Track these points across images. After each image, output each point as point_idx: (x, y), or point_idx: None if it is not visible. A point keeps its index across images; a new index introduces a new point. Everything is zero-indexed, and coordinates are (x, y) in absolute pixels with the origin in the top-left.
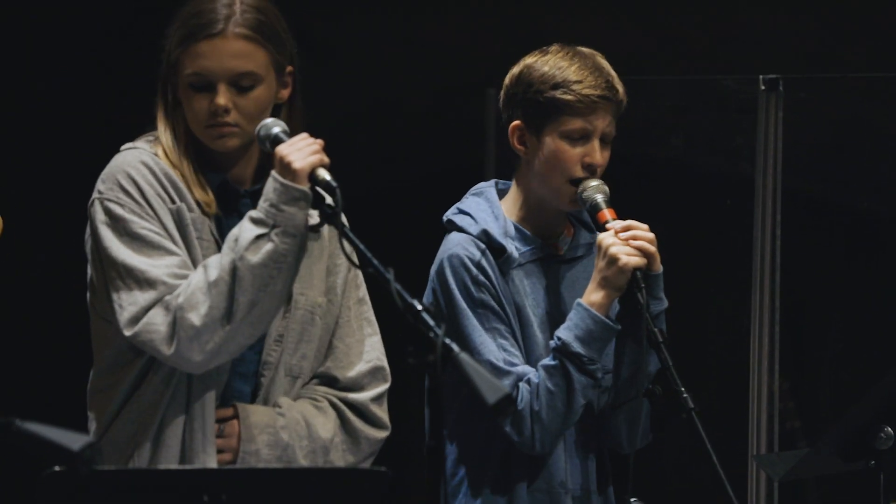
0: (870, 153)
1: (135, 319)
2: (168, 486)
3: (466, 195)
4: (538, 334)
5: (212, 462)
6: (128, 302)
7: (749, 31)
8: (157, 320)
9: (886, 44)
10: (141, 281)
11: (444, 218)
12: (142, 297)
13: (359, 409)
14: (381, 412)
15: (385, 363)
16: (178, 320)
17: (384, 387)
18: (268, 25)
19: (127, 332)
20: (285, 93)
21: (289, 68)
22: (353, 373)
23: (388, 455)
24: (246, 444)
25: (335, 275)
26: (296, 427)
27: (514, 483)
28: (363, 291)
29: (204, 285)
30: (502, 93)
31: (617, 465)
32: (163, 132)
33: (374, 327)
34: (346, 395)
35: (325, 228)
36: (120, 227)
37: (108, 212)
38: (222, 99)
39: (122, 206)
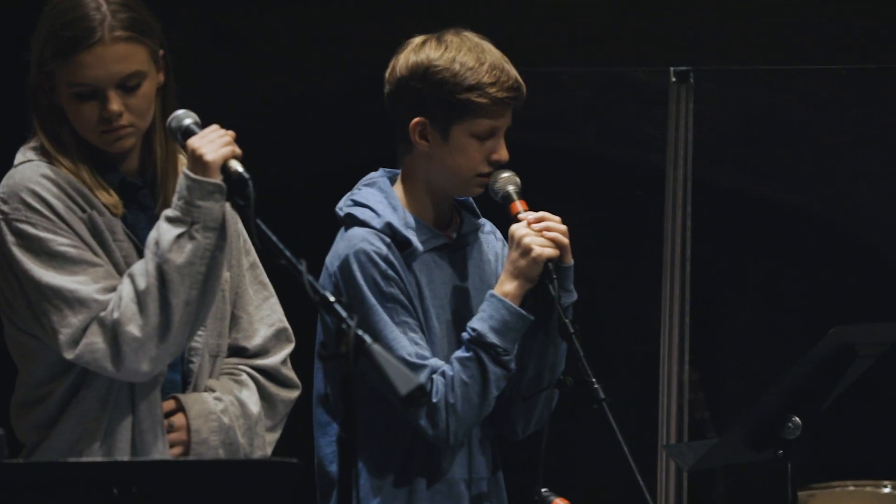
0: (779, 144)
1: (73, 342)
2: (77, 480)
3: (358, 186)
4: (436, 325)
5: (165, 458)
6: (62, 325)
7: (660, 24)
8: (97, 339)
9: (795, 35)
10: (71, 301)
11: (341, 211)
12: (75, 319)
13: (270, 374)
14: (290, 372)
15: (286, 323)
16: (119, 335)
17: (290, 347)
18: (139, 19)
19: (68, 356)
20: (161, 76)
21: (161, 52)
22: (258, 339)
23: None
24: (195, 435)
25: (229, 246)
26: (233, 408)
27: (413, 476)
28: (254, 255)
29: (135, 295)
30: (395, 82)
31: (516, 453)
32: (48, 142)
33: (270, 289)
34: (256, 362)
35: None
36: (35, 246)
37: (18, 233)
38: (115, 105)
39: (33, 225)
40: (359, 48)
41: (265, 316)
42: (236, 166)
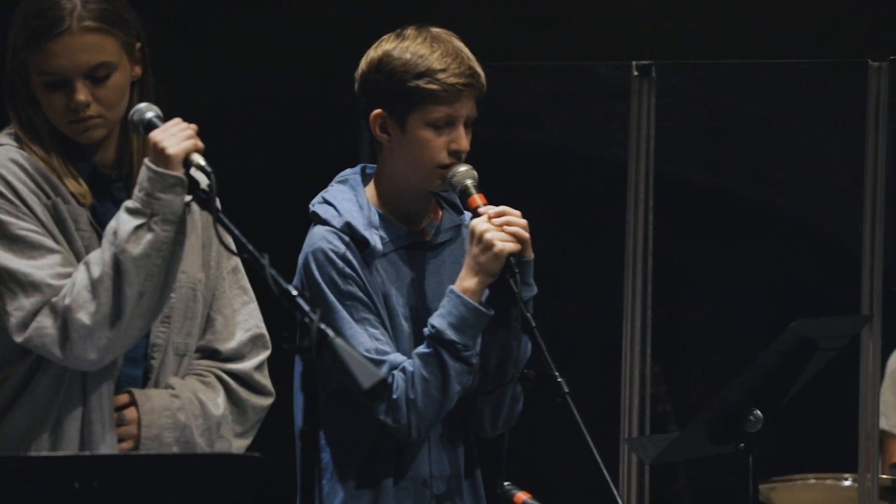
0: (741, 138)
1: (23, 325)
2: (38, 473)
3: (332, 183)
4: (404, 324)
5: (113, 452)
6: (14, 307)
7: (622, 18)
8: (47, 324)
9: (756, 30)
10: (25, 285)
11: (310, 208)
12: (27, 302)
13: (242, 379)
14: (264, 379)
15: (264, 330)
16: (68, 322)
17: (265, 354)
18: (111, 11)
19: (17, 339)
20: (138, 70)
21: (137, 45)
22: (233, 343)
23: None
24: (146, 430)
25: (208, 247)
26: (190, 407)
27: (379, 474)
28: (236, 260)
29: (88, 283)
30: (358, 78)
31: (490, 449)
32: (21, 129)
33: (250, 295)
34: (229, 367)
35: (195, 203)
36: None
37: None
38: (81, 95)
39: None
40: (323, 42)
41: (243, 320)
42: (198, 160)
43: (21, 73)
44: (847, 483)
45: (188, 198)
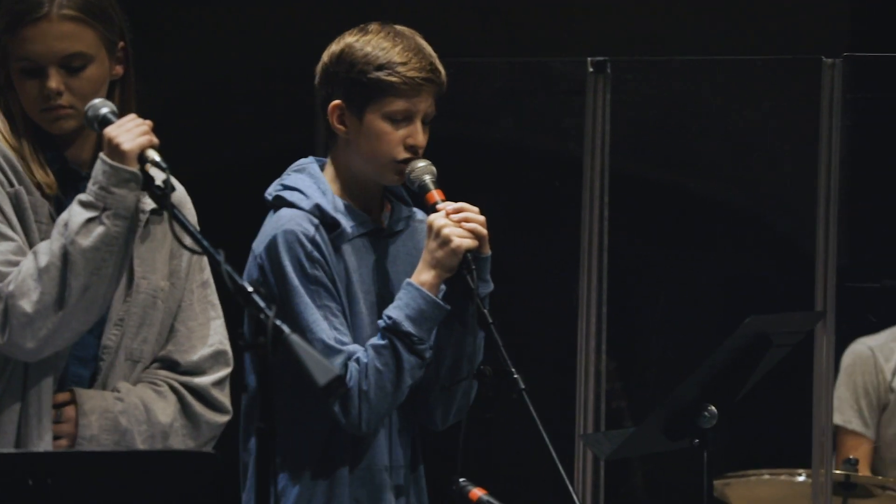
0: (695, 134)
1: None
2: None
3: (288, 171)
4: (364, 311)
5: (47, 448)
6: None
7: (577, 14)
8: None
9: (711, 26)
10: None
11: (270, 195)
12: None
13: (199, 394)
14: (223, 396)
15: (228, 347)
16: (10, 308)
17: (226, 371)
18: (95, 4)
19: None
20: (119, 69)
21: (121, 44)
22: (195, 356)
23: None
24: (83, 430)
25: (178, 258)
26: (134, 412)
27: (335, 466)
28: (207, 274)
29: (34, 272)
30: (319, 70)
31: (440, 444)
32: None
33: (218, 311)
34: (187, 379)
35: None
36: None
37: None
38: (53, 82)
39: None
40: (276, 38)
41: (206, 335)
42: (153, 156)
43: (2, 59)
44: (801, 478)
45: (149, 206)
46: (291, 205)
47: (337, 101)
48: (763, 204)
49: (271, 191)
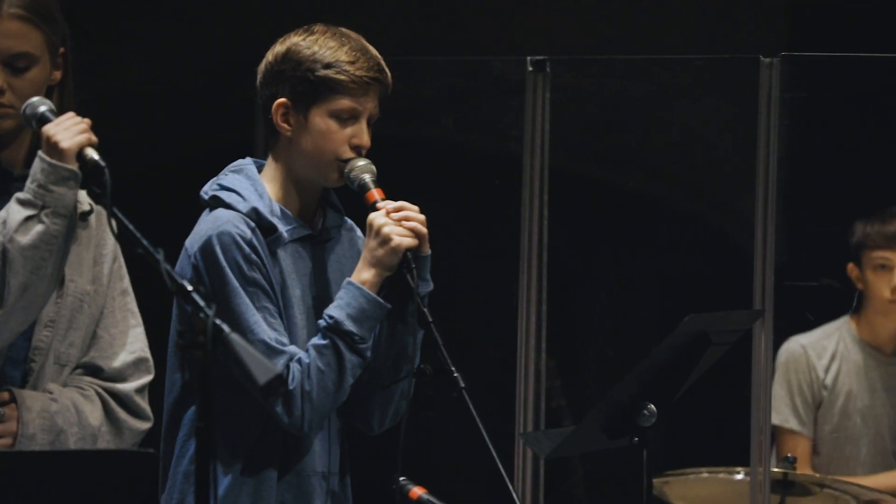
0: (635, 133)
1: None
2: None
3: (225, 172)
4: (297, 315)
5: None
6: None
7: (516, 13)
8: None
9: (650, 26)
10: None
11: (206, 194)
12: None
13: (122, 400)
14: (144, 403)
15: (148, 355)
16: None
17: (147, 378)
18: (42, 5)
19: None
20: (58, 74)
21: (61, 49)
22: (117, 363)
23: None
24: (24, 429)
25: (101, 264)
26: (67, 414)
27: (263, 467)
28: (126, 282)
29: None
30: (263, 69)
31: (378, 444)
32: None
33: (138, 319)
34: (110, 385)
35: (93, 217)
36: None
37: None
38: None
39: None
40: (214, 36)
41: (128, 342)
42: (92, 154)
43: None
44: (739, 476)
45: (84, 200)
46: (228, 206)
47: (282, 100)
48: (702, 202)
49: (207, 190)
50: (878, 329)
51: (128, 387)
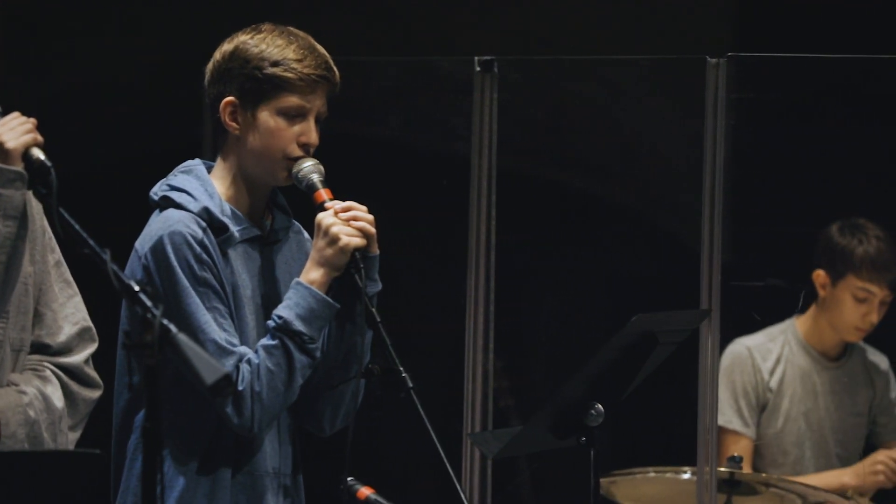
0: (582, 134)
1: None
2: None
3: (174, 172)
4: (248, 316)
5: None
6: None
7: (464, 13)
8: None
9: (597, 26)
10: None
11: (156, 195)
12: None
13: (73, 372)
14: (93, 372)
15: (90, 323)
16: None
17: (93, 347)
18: None
19: None
20: None
21: None
22: (62, 337)
23: None
24: (5, 428)
25: (34, 241)
26: (37, 402)
27: (217, 467)
28: (58, 253)
29: None
30: (211, 68)
31: (326, 445)
32: None
33: (74, 288)
34: (59, 360)
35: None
36: None
37: None
38: None
39: None
40: (162, 34)
41: (70, 314)
42: (38, 154)
43: None
44: (686, 476)
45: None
46: (179, 206)
47: (230, 98)
48: (649, 202)
49: (157, 191)
50: (826, 336)
51: (76, 359)
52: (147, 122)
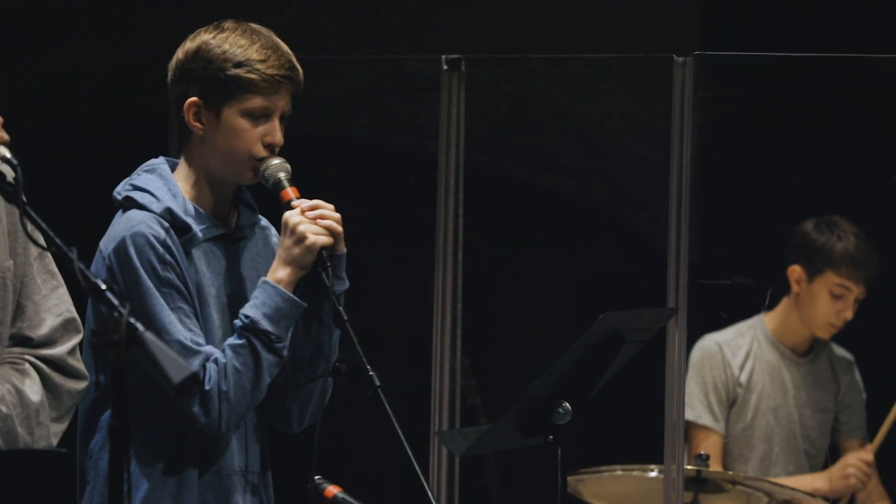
0: (550, 132)
1: None
2: None
3: (138, 171)
4: (214, 315)
5: None
6: None
7: (431, 12)
8: None
9: (565, 25)
10: None
11: (119, 195)
12: None
13: (56, 364)
14: (78, 363)
15: (75, 314)
16: None
17: (78, 338)
18: None
19: None
20: None
21: None
22: (45, 329)
23: None
24: None
25: (14, 235)
26: (10, 397)
27: (184, 467)
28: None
29: None
30: (174, 67)
31: (294, 443)
32: None
33: (59, 279)
34: (42, 352)
35: None
36: None
37: None
38: None
39: None
40: (128, 32)
41: (53, 305)
42: (4, 152)
43: None
44: (653, 474)
45: None
46: (141, 206)
47: (193, 99)
48: (616, 201)
49: (120, 190)
50: (796, 332)
51: (59, 350)
52: (112, 120)
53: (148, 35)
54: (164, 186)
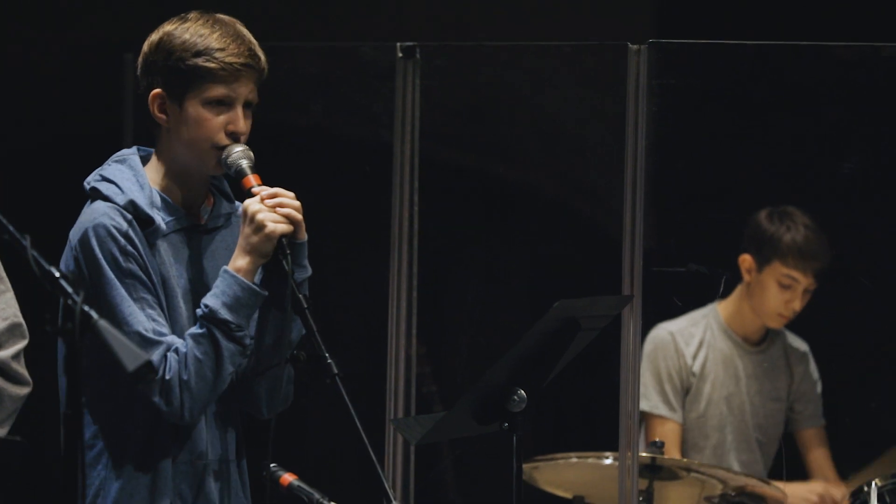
0: (505, 120)
1: None
2: None
3: (108, 162)
4: (182, 305)
5: None
6: None
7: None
8: None
9: (520, 12)
10: None
11: (87, 185)
12: None
13: (0, 368)
14: (22, 368)
15: (21, 319)
16: None
17: (23, 343)
18: None
19: None
20: None
21: None
22: None
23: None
24: None
25: None
26: None
27: (157, 458)
28: None
29: None
30: (140, 60)
31: (257, 431)
32: None
33: (6, 284)
34: None
35: None
36: None
37: None
38: None
39: None
40: (86, 20)
41: (0, 310)
42: None
43: None
44: (608, 461)
45: None
46: (106, 198)
47: (157, 90)
48: (571, 189)
49: (90, 180)
50: (748, 321)
51: (3, 354)
52: (67, 108)
53: (104, 22)
54: (132, 177)
